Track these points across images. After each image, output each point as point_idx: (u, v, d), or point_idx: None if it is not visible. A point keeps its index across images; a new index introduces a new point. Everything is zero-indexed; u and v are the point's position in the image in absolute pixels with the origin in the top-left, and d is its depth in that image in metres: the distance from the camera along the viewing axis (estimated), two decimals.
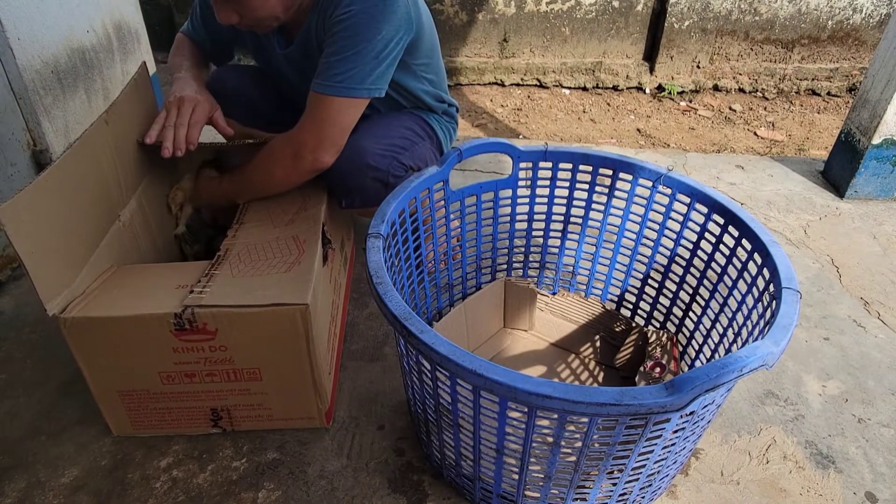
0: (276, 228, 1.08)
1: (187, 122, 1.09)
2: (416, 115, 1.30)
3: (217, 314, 0.89)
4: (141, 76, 1.16)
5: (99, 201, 1.00)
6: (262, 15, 1.04)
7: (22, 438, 1.05)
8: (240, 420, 1.04)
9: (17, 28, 1.37)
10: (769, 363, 0.69)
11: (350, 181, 1.14)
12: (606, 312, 1.24)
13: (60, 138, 1.54)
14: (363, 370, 1.20)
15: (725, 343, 1.01)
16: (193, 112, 1.10)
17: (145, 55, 1.98)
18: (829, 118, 2.70)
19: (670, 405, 0.65)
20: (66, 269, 0.90)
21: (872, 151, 1.75)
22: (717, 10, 2.74)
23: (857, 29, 2.82)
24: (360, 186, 1.15)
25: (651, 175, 1.11)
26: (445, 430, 0.88)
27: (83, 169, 0.95)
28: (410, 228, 1.07)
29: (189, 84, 1.16)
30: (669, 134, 2.53)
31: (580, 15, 2.83)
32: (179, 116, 1.09)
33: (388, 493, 0.98)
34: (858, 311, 1.40)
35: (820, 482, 1.02)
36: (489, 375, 0.67)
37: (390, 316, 0.76)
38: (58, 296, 0.88)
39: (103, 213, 1.01)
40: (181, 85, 1.16)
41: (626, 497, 0.89)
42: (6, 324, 1.28)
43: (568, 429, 0.73)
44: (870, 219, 1.74)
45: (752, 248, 0.95)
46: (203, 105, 1.13)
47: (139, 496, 0.96)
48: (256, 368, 0.97)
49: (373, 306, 1.36)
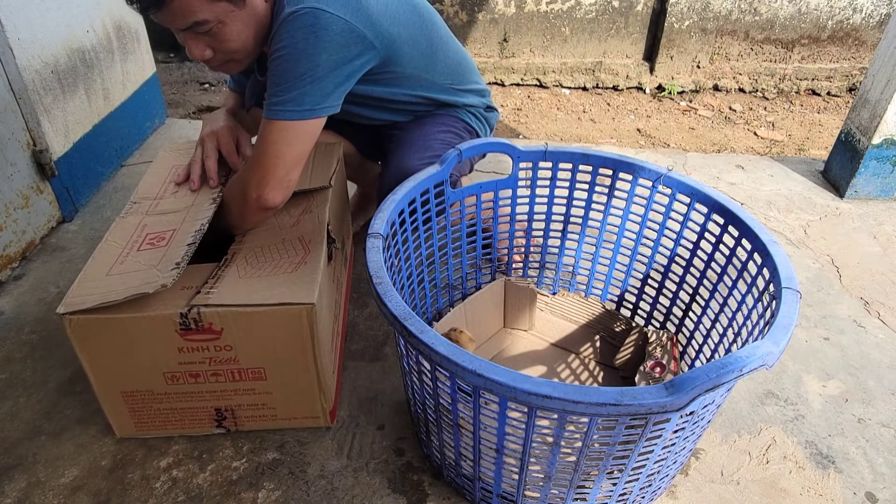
0: (282, 230, 1.08)
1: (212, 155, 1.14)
2: (446, 116, 1.29)
3: (223, 313, 0.89)
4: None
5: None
6: (236, 47, 1.01)
7: (22, 438, 1.05)
8: (244, 420, 1.04)
9: (17, 28, 1.37)
10: (769, 363, 0.69)
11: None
12: (606, 312, 1.24)
13: (60, 138, 1.55)
14: (363, 370, 1.20)
15: (725, 343, 1.01)
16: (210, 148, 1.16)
17: (145, 55, 1.98)
18: (829, 118, 2.70)
19: (670, 405, 0.65)
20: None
21: (872, 151, 1.75)
22: (717, 10, 2.74)
23: (857, 29, 2.82)
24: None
25: (651, 175, 1.11)
26: (445, 430, 0.88)
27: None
28: (410, 228, 1.07)
29: (214, 119, 1.20)
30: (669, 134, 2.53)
31: (580, 15, 2.83)
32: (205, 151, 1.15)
33: (388, 493, 0.98)
34: (858, 311, 1.40)
35: (820, 482, 1.02)
36: (489, 375, 0.67)
37: (390, 316, 0.76)
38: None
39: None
40: (207, 122, 1.21)
41: (626, 497, 0.89)
42: (6, 324, 1.28)
43: (568, 429, 0.74)
44: (870, 219, 1.74)
45: (751, 247, 0.95)
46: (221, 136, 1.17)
47: (139, 496, 0.96)
48: (261, 368, 0.97)
49: (373, 306, 1.36)
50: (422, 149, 1.20)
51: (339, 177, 1.26)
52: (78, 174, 1.63)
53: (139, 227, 1.04)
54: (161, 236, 1.01)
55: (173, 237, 1.00)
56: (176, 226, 1.03)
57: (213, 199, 1.08)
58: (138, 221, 1.05)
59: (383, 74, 1.14)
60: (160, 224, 1.04)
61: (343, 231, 1.33)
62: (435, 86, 1.25)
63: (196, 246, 0.97)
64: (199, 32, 0.97)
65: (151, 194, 1.13)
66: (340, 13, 0.97)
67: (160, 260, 0.94)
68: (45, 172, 1.50)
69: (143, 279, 0.90)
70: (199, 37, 0.98)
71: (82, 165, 1.65)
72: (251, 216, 1.06)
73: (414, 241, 1.10)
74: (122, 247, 0.99)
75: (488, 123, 1.40)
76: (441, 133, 1.26)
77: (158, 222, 1.04)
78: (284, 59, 0.97)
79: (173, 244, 0.98)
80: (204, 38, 0.98)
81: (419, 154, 1.18)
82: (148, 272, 0.92)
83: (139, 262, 0.95)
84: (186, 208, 1.07)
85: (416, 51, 1.16)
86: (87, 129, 1.67)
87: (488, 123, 1.40)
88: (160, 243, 0.99)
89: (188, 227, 1.01)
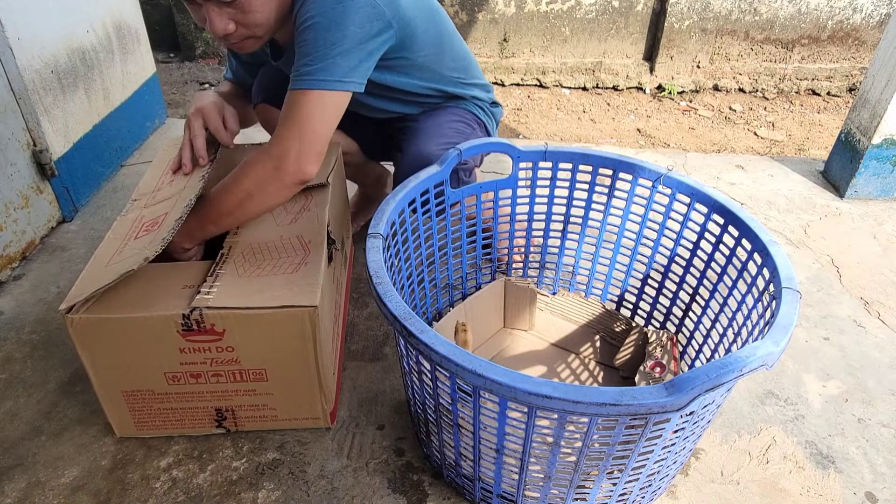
0: (280, 227, 1.07)
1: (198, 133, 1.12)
2: (456, 108, 1.31)
3: (225, 315, 0.90)
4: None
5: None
6: (260, 20, 1.01)
7: (22, 438, 1.05)
8: (244, 420, 1.04)
9: (17, 28, 1.37)
10: (769, 363, 0.69)
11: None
12: (606, 312, 1.24)
13: (60, 138, 1.55)
14: (363, 370, 1.20)
15: (725, 343, 1.01)
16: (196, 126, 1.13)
17: (145, 55, 1.98)
18: (829, 118, 2.70)
19: (670, 405, 0.65)
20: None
21: (872, 151, 1.75)
22: (717, 10, 2.74)
23: (857, 29, 2.81)
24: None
25: (651, 175, 1.11)
26: (445, 430, 0.88)
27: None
28: (410, 228, 1.07)
29: (200, 98, 1.17)
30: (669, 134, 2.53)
31: (580, 15, 2.83)
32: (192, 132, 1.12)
33: (388, 493, 0.98)
34: (858, 311, 1.40)
35: (820, 482, 1.02)
36: (489, 375, 0.67)
37: (390, 316, 0.76)
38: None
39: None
40: (194, 101, 1.18)
41: (626, 497, 0.89)
42: (6, 324, 1.28)
43: (568, 429, 0.74)
44: (870, 219, 1.74)
45: (751, 247, 0.95)
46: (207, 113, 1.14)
47: (139, 496, 0.96)
48: (263, 369, 0.97)
49: (373, 306, 1.36)
50: (437, 135, 1.21)
51: (337, 176, 1.26)
52: (78, 174, 1.63)
53: (137, 219, 1.05)
54: (155, 222, 1.01)
55: (164, 219, 1.00)
56: (168, 209, 1.02)
57: (203, 177, 1.06)
58: (137, 216, 1.06)
59: (397, 60, 1.15)
60: (155, 212, 1.04)
61: (343, 231, 1.33)
62: (444, 78, 1.27)
63: (183, 220, 0.96)
64: (224, 3, 0.96)
65: (149, 189, 1.13)
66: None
67: (150, 241, 0.95)
68: (45, 172, 1.50)
69: (134, 261, 0.91)
70: (224, 9, 0.97)
71: (82, 165, 1.65)
72: (286, 191, 1.04)
73: (414, 241, 1.10)
74: (120, 240, 1.00)
75: (494, 118, 1.41)
76: (453, 122, 1.27)
77: (153, 212, 1.05)
78: (314, 28, 0.97)
79: (164, 225, 0.98)
80: (228, 10, 0.97)
81: (436, 140, 1.20)
82: (140, 253, 0.93)
83: (133, 249, 0.95)
84: (179, 192, 1.06)
85: (427, 39, 1.17)
86: (87, 129, 1.67)
87: (494, 118, 1.41)
88: (154, 228, 0.99)
89: (179, 206, 1.00)
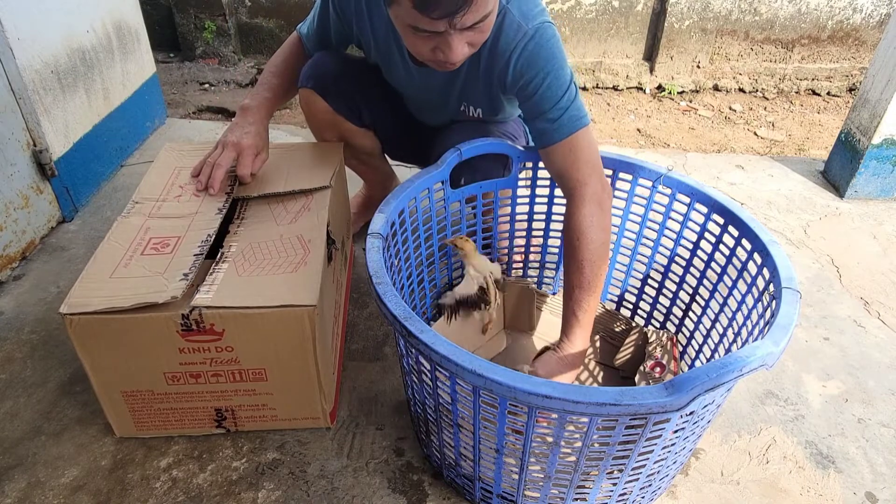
0: (280, 226, 1.07)
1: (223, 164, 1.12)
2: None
3: (225, 315, 0.89)
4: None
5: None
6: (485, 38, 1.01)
7: (22, 438, 1.05)
8: (244, 420, 1.04)
9: (17, 28, 1.37)
10: (769, 363, 0.69)
11: (479, 164, 1.18)
12: (606, 312, 1.24)
13: (60, 138, 1.55)
14: (363, 370, 1.20)
15: (725, 343, 1.02)
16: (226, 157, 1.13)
17: (145, 55, 1.98)
18: (829, 118, 2.70)
19: (670, 405, 0.65)
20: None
21: (872, 151, 1.75)
22: (717, 10, 2.74)
23: (857, 29, 2.81)
24: (485, 168, 1.19)
25: (651, 175, 1.11)
26: (445, 430, 0.88)
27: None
28: (410, 228, 1.07)
29: (245, 128, 1.16)
30: (669, 134, 2.53)
31: (580, 15, 2.83)
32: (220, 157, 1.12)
33: (388, 493, 0.98)
34: (858, 311, 1.40)
35: (820, 482, 1.02)
36: (489, 375, 0.67)
37: (390, 316, 0.76)
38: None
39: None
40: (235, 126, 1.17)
41: (626, 497, 0.89)
42: (6, 324, 1.28)
43: (568, 429, 0.74)
44: (870, 219, 1.74)
45: (751, 247, 0.95)
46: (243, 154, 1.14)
47: (139, 496, 0.96)
48: (262, 369, 0.97)
49: (373, 306, 1.36)
50: (498, 125, 1.26)
51: (339, 178, 1.26)
52: (78, 174, 1.63)
53: (142, 229, 1.03)
54: (165, 242, 1.00)
55: (178, 245, 0.99)
56: (181, 233, 1.02)
57: (220, 210, 1.07)
58: (141, 223, 1.05)
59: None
60: (164, 229, 1.04)
61: (343, 231, 1.33)
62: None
63: (203, 257, 0.96)
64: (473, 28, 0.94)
65: (154, 195, 1.12)
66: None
67: (166, 268, 0.94)
68: (44, 172, 1.50)
69: (150, 287, 0.90)
70: (465, 34, 0.95)
71: (82, 165, 1.65)
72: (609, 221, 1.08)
73: (414, 241, 1.10)
74: (125, 249, 0.99)
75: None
76: (510, 123, 1.30)
77: (162, 227, 1.04)
78: (554, 76, 1.03)
79: (179, 252, 0.98)
80: (468, 33, 0.95)
81: (500, 130, 1.24)
82: (154, 280, 0.92)
83: (144, 268, 0.95)
84: (191, 215, 1.06)
85: None
86: (87, 129, 1.67)
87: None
88: (164, 249, 0.98)
89: (193, 236, 1.01)
